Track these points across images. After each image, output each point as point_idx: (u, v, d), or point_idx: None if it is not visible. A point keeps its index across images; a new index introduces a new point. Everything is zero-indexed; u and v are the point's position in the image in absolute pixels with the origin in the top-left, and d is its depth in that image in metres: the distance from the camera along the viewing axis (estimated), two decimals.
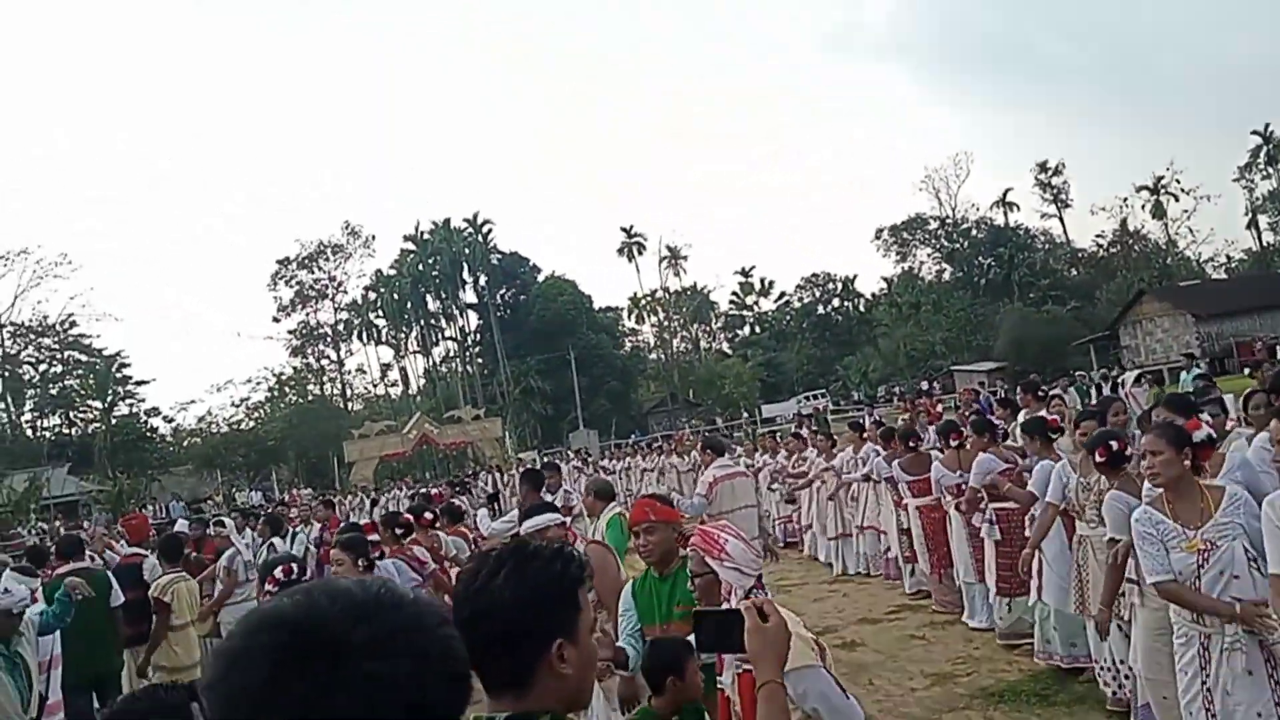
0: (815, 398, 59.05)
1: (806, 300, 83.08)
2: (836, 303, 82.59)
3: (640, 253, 78.48)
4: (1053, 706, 6.11)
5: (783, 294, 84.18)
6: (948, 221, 75.79)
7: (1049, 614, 6.67)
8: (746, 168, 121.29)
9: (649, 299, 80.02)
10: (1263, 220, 68.98)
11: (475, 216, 74.02)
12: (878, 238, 78.50)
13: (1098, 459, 5.09)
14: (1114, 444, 5.06)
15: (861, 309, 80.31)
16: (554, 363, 65.11)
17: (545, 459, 27.64)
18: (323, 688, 0.97)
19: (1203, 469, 4.24)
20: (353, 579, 1.13)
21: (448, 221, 73.75)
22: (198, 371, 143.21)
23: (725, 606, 3.04)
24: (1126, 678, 5.53)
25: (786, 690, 3.13)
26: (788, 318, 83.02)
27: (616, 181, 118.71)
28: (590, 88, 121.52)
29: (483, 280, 73.73)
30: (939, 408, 23.12)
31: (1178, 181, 68.05)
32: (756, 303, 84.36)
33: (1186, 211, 68.66)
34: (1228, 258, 72.11)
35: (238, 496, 46.33)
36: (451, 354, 78.60)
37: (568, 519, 7.27)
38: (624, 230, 78.40)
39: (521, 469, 19.77)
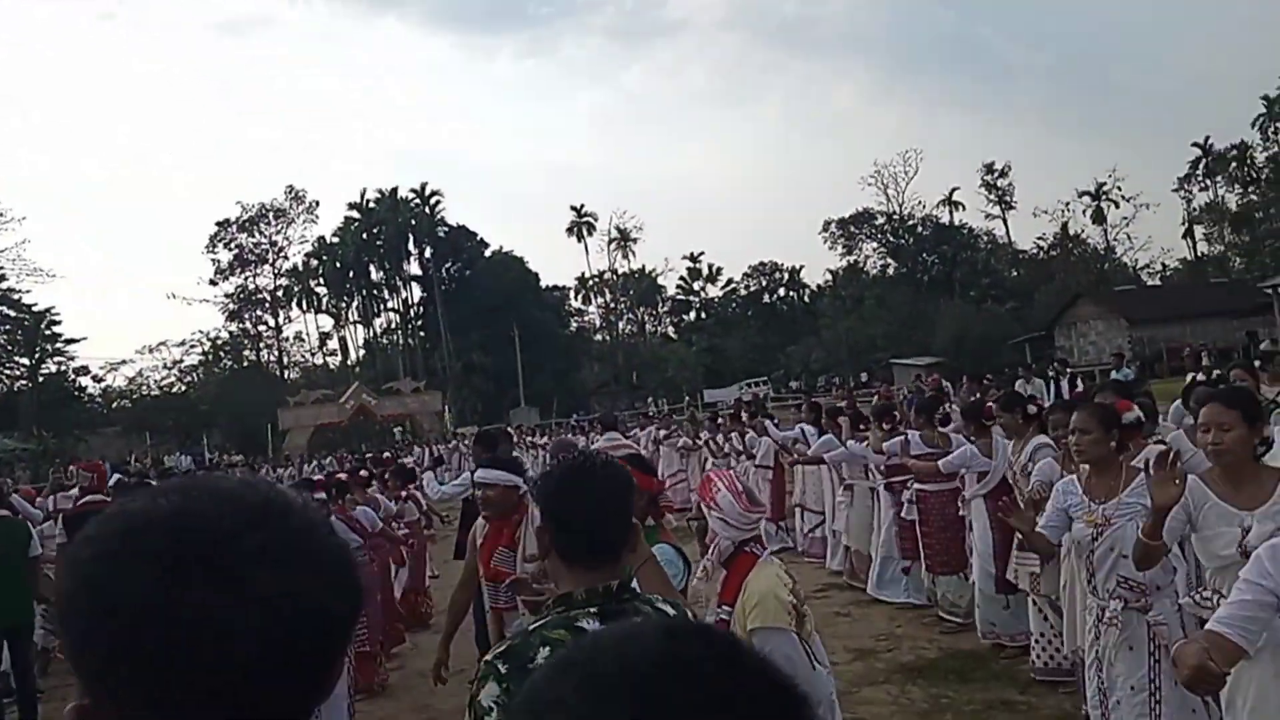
0: (757, 385, 59.51)
1: (753, 288, 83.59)
2: (783, 292, 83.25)
3: (590, 233, 78.32)
4: (969, 683, 6.25)
5: (730, 281, 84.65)
6: (894, 217, 76.68)
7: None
8: (700, 154, 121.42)
9: (597, 280, 79.88)
10: (1198, 231, 71.04)
11: (423, 187, 73.16)
12: (825, 230, 79.16)
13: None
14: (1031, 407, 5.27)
15: (807, 300, 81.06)
16: (498, 339, 64.69)
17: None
18: (212, 601, 0.82)
19: (1127, 448, 4.36)
20: (235, 479, 0.98)
21: (394, 191, 72.75)
22: (130, 332, 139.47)
23: None
24: (1059, 650, 5.70)
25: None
26: (734, 305, 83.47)
27: (568, 160, 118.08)
28: (547, 62, 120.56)
29: (428, 252, 72.90)
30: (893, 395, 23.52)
31: (1119, 189, 69.65)
32: (704, 289, 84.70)
33: (1126, 218, 70.33)
34: (1163, 265, 74.11)
35: (166, 460, 45.34)
36: (393, 325, 77.72)
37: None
38: (574, 209, 78.15)
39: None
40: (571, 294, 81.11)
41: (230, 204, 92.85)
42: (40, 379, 58.15)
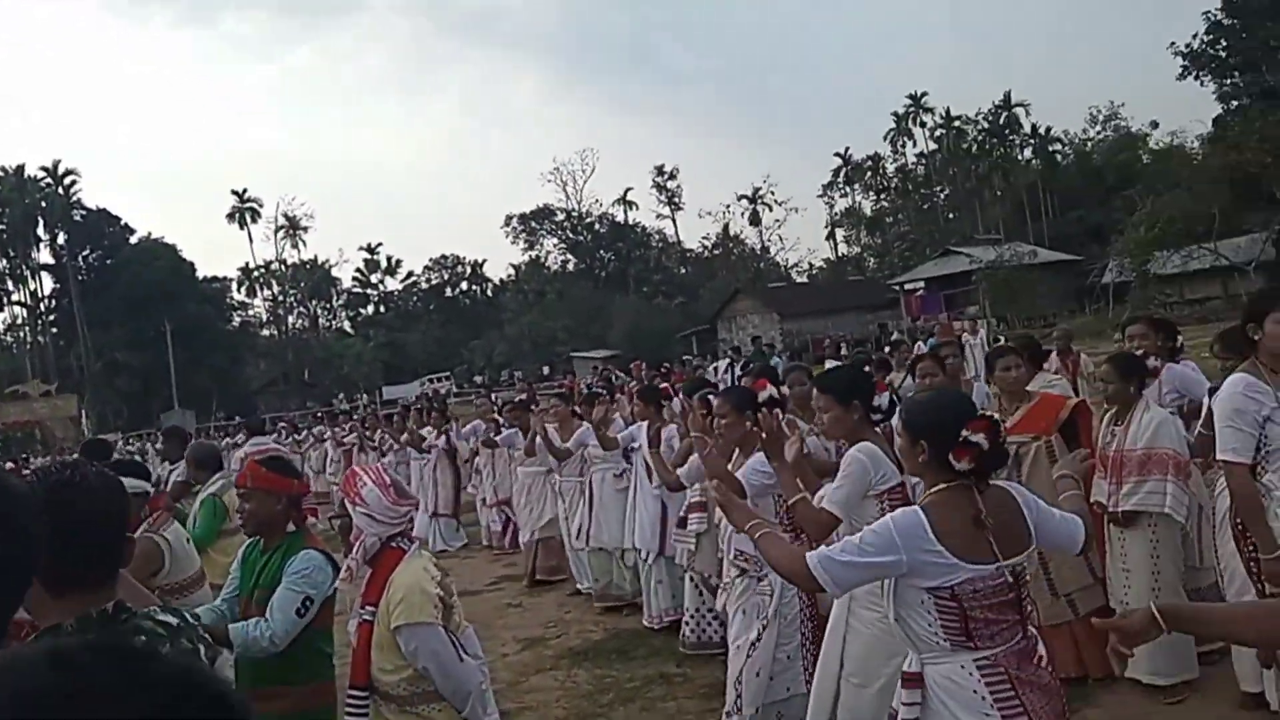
0: (439, 380, 58.59)
1: (435, 281, 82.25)
2: (465, 286, 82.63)
3: (255, 219, 73.27)
4: (631, 661, 6.36)
5: (410, 274, 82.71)
6: (573, 214, 78.64)
7: (649, 569, 6.92)
8: (377, 142, 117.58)
9: (263, 270, 74.90)
10: (840, 234, 79.29)
11: (55, 166, 64.90)
12: (507, 224, 79.62)
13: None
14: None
15: (490, 294, 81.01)
16: (146, 335, 58.75)
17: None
18: None
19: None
20: None
21: (21, 169, 63.87)
22: None
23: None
24: (710, 624, 5.91)
25: (398, 645, 2.98)
26: (414, 298, 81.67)
27: (230, 141, 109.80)
28: (207, 34, 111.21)
29: (62, 239, 64.73)
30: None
31: (772, 193, 76.05)
32: (382, 281, 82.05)
33: (779, 220, 76.92)
34: (810, 264, 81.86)
35: None
36: (20, 321, 68.37)
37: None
38: (236, 194, 72.75)
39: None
40: (234, 286, 75.43)
41: None
42: None
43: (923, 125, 71.37)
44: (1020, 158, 68.01)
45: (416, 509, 3.44)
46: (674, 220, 79.62)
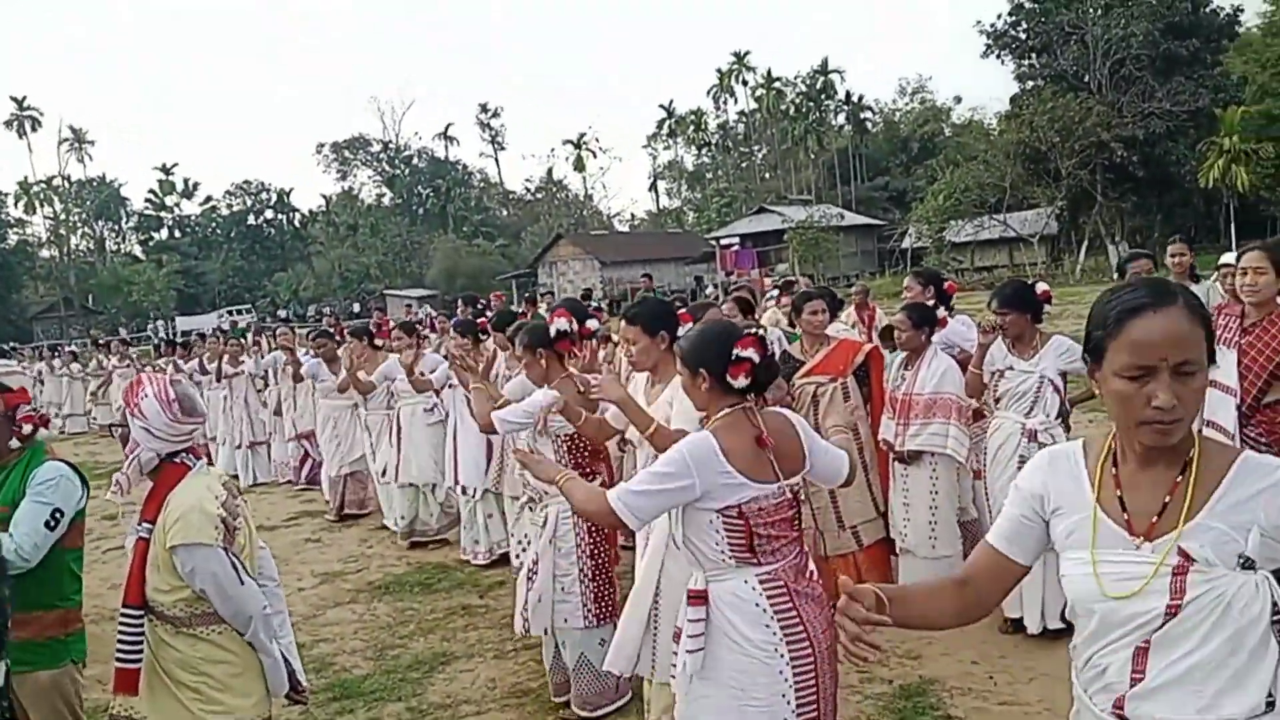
0: (240, 312, 55.52)
1: (237, 208, 77.59)
2: (270, 214, 78.39)
3: (35, 128, 66.67)
4: (433, 593, 6.30)
5: (209, 199, 77.63)
6: (390, 146, 75.82)
7: (474, 507, 6.84)
8: (174, 56, 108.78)
9: (44, 186, 68.38)
10: (661, 186, 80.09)
11: None
12: (319, 152, 75.92)
13: None
14: None
15: (297, 224, 77.21)
16: None
17: None
18: None
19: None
20: None
21: None
22: None
23: None
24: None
25: (175, 565, 2.80)
26: (214, 225, 76.78)
27: (8, 43, 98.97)
28: None
29: None
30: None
31: (597, 140, 75.82)
32: (178, 204, 76.60)
33: (602, 168, 77.07)
34: (632, 215, 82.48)
35: None
36: None
37: None
38: (15, 100, 65.97)
39: None
40: (11, 200, 68.51)
41: None
42: None
43: (744, 84, 72.81)
44: (834, 123, 70.64)
45: (201, 427, 3.24)
46: (497, 161, 78.63)
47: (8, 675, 1.90)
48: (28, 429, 3.36)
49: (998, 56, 40.11)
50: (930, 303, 5.55)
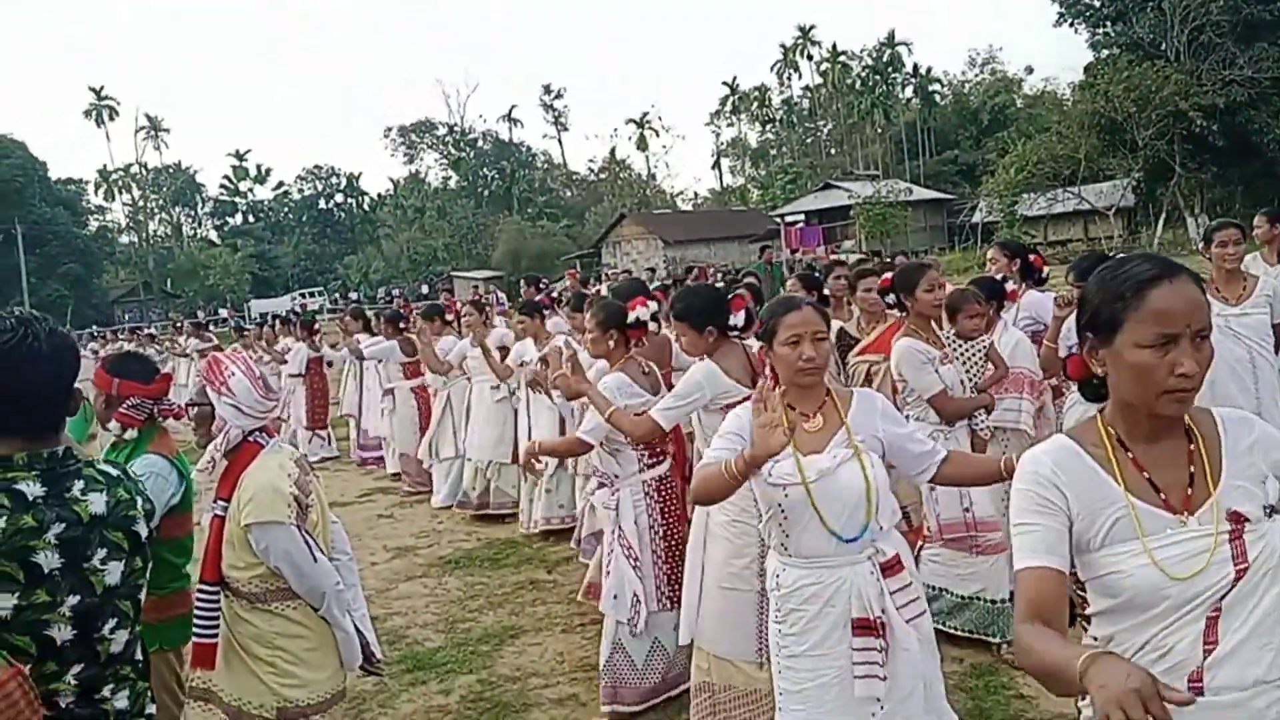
0: (312, 295, 56.70)
1: (308, 192, 79.13)
2: (340, 198, 79.78)
3: (113, 118, 68.69)
4: (502, 568, 6.39)
5: (281, 184, 79.27)
6: (456, 129, 76.49)
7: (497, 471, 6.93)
8: (247, 45, 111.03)
9: (122, 173, 70.52)
10: (725, 164, 79.56)
11: None
12: (386, 136, 76.94)
13: None
14: None
15: (366, 208, 78.44)
16: None
17: None
18: None
19: (633, 344, 4.50)
20: None
21: None
22: None
23: None
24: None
25: (249, 542, 2.89)
26: (286, 209, 78.47)
27: (86, 35, 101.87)
28: None
29: None
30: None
31: (660, 119, 75.67)
32: (251, 190, 78.40)
33: (665, 147, 76.77)
34: (695, 193, 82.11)
35: None
36: None
37: None
38: (94, 91, 67.98)
39: None
40: (91, 188, 70.87)
41: None
42: None
43: (809, 59, 71.79)
44: (901, 96, 69.28)
45: (279, 405, 3.32)
46: (560, 142, 78.88)
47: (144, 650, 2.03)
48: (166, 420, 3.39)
49: (1071, 25, 38.83)
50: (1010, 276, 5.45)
